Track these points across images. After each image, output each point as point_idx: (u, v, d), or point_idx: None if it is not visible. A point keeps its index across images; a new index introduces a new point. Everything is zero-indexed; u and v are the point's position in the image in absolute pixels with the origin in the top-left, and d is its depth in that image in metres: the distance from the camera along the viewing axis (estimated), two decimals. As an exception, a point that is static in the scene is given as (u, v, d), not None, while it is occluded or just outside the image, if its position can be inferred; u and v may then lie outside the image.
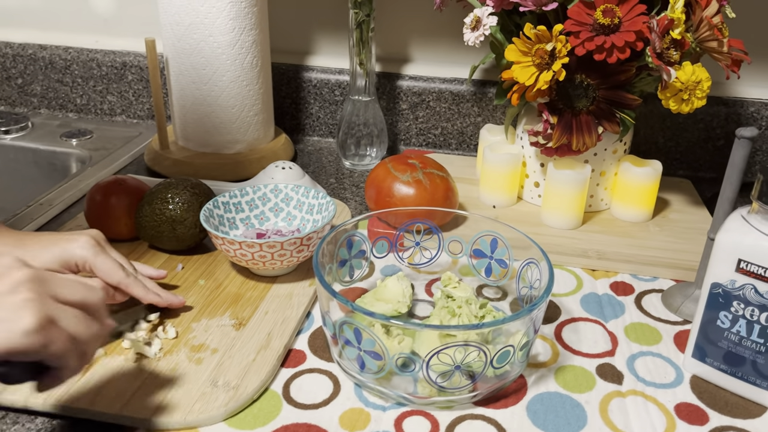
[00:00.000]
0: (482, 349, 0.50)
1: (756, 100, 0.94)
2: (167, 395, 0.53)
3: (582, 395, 0.56)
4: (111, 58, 1.07)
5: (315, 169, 0.96)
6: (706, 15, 0.71)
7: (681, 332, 0.64)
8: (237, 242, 0.63)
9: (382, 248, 0.68)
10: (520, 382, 0.57)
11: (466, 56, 1.00)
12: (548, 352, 0.61)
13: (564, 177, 0.75)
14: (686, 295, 0.66)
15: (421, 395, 0.53)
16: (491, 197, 0.82)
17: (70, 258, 0.57)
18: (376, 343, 0.51)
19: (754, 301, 0.53)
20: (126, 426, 0.51)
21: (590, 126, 0.74)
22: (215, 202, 0.71)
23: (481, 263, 0.67)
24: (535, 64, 0.71)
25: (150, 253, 0.72)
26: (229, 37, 0.85)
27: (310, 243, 0.66)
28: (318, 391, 0.55)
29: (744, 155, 0.60)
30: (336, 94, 1.03)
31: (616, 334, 0.63)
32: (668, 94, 0.71)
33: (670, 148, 0.98)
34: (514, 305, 0.67)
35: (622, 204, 0.80)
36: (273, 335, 0.60)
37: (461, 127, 1.02)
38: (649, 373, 0.58)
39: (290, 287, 0.67)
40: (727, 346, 0.55)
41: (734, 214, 0.55)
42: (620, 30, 0.68)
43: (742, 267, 0.53)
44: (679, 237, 0.76)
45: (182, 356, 0.57)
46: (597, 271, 0.73)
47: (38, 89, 1.12)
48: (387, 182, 0.75)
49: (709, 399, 0.56)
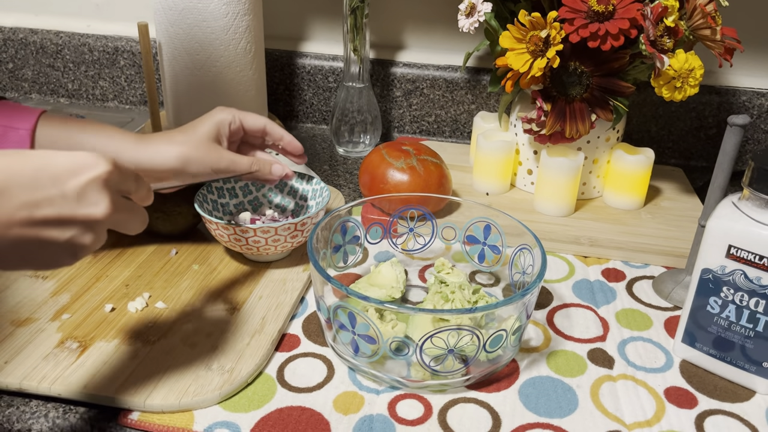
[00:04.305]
0: (475, 334, 0.51)
1: (748, 89, 0.95)
2: (162, 378, 0.53)
3: (573, 379, 0.56)
4: (103, 42, 1.06)
5: (309, 155, 0.96)
6: (699, 3, 0.72)
7: (671, 318, 0.64)
8: (231, 227, 0.63)
9: (376, 234, 0.68)
10: (513, 367, 0.57)
11: (461, 43, 1.00)
12: (540, 337, 0.61)
13: (557, 164, 0.75)
14: (677, 282, 0.67)
15: (414, 379, 0.54)
16: (485, 184, 0.83)
17: (222, 121, 0.64)
18: (370, 327, 0.51)
19: (743, 286, 0.53)
20: (121, 408, 0.51)
21: (584, 113, 0.74)
22: (209, 188, 0.70)
23: (474, 249, 0.68)
24: (530, 51, 0.71)
25: (144, 238, 0.72)
26: (223, 22, 0.85)
27: (304, 228, 0.66)
28: (312, 374, 0.56)
29: (735, 143, 0.60)
30: (330, 80, 1.03)
31: (607, 319, 0.64)
32: (661, 82, 0.71)
33: (662, 137, 0.99)
34: (507, 291, 0.68)
35: (615, 192, 0.80)
36: (267, 320, 0.60)
37: (455, 114, 1.02)
38: (640, 357, 0.59)
39: (284, 272, 0.67)
40: (717, 331, 0.56)
41: (725, 201, 0.56)
42: (614, 17, 0.68)
43: (733, 253, 0.53)
44: (671, 224, 0.77)
45: (177, 340, 0.58)
46: (589, 258, 0.74)
47: (29, 74, 1.11)
48: (381, 168, 0.75)
49: (698, 383, 0.56)
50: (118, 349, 0.56)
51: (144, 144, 0.61)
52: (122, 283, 0.65)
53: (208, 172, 0.62)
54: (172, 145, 0.61)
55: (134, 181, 0.44)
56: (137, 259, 0.69)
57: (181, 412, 0.51)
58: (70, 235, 0.40)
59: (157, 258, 0.69)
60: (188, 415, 0.51)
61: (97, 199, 0.40)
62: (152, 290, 0.64)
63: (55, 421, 0.51)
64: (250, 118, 0.66)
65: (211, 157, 0.62)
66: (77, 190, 0.39)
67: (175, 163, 0.60)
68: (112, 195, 0.41)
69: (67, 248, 0.40)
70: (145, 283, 0.65)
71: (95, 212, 0.40)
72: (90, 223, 0.40)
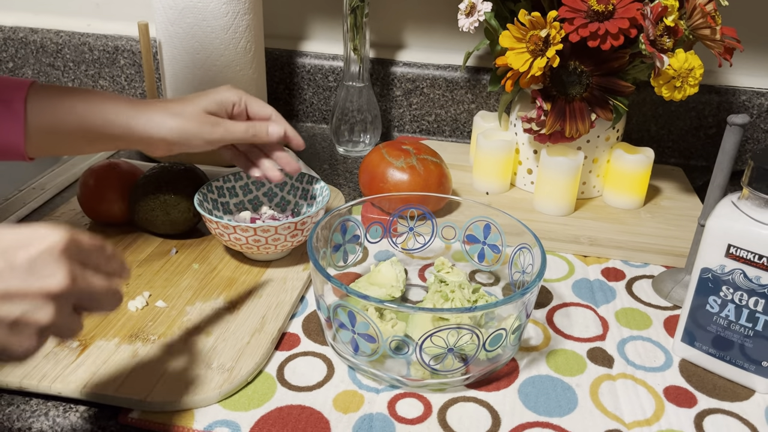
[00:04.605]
0: (475, 333, 0.51)
1: (747, 89, 0.95)
2: (162, 377, 0.53)
3: (573, 378, 0.56)
4: (103, 42, 1.07)
5: (308, 155, 0.96)
6: (699, 2, 0.72)
7: (671, 317, 0.64)
8: (231, 226, 0.63)
9: (376, 233, 0.68)
10: (512, 366, 0.57)
11: (461, 43, 1.00)
12: (540, 336, 0.61)
13: (557, 164, 0.76)
14: (676, 281, 0.67)
15: (414, 378, 0.54)
16: (484, 183, 0.83)
17: (226, 100, 0.63)
18: (370, 326, 0.51)
19: (743, 285, 0.53)
20: (121, 408, 0.51)
21: (583, 113, 0.74)
22: (209, 187, 0.71)
23: (474, 248, 0.68)
24: (529, 50, 0.71)
25: (144, 237, 0.72)
26: (223, 21, 0.85)
27: (304, 228, 0.66)
28: (312, 373, 0.56)
29: (735, 142, 0.60)
30: (330, 80, 1.03)
31: (606, 318, 0.64)
32: (661, 82, 0.71)
33: (662, 136, 0.99)
34: (507, 290, 0.68)
35: (614, 191, 0.80)
36: (267, 319, 0.60)
37: (455, 113, 1.02)
38: (639, 357, 0.59)
39: (284, 272, 0.68)
40: (716, 330, 0.56)
41: (725, 200, 0.56)
42: (614, 17, 0.68)
43: (732, 252, 0.53)
44: (670, 224, 0.77)
45: (177, 339, 0.58)
46: (589, 257, 0.74)
47: (29, 73, 1.11)
48: (381, 168, 0.75)
49: (697, 382, 0.57)
50: (118, 348, 0.56)
51: (138, 110, 0.60)
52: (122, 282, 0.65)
53: (201, 144, 0.62)
54: (167, 116, 0.60)
55: (100, 252, 0.40)
56: (137, 257, 0.69)
57: (181, 411, 0.51)
58: (21, 312, 0.36)
59: (157, 257, 0.69)
60: (188, 414, 0.51)
61: (52, 271, 0.36)
62: (152, 289, 0.64)
63: (55, 420, 0.51)
64: (257, 105, 0.66)
65: (204, 130, 0.61)
66: (27, 261, 0.36)
67: (168, 134, 0.60)
68: (71, 266, 0.37)
69: (22, 328, 0.36)
70: (145, 281, 0.65)
71: (50, 284, 0.36)
72: (45, 297, 0.36)
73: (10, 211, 0.77)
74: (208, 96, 0.63)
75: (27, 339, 0.37)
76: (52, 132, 0.59)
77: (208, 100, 0.63)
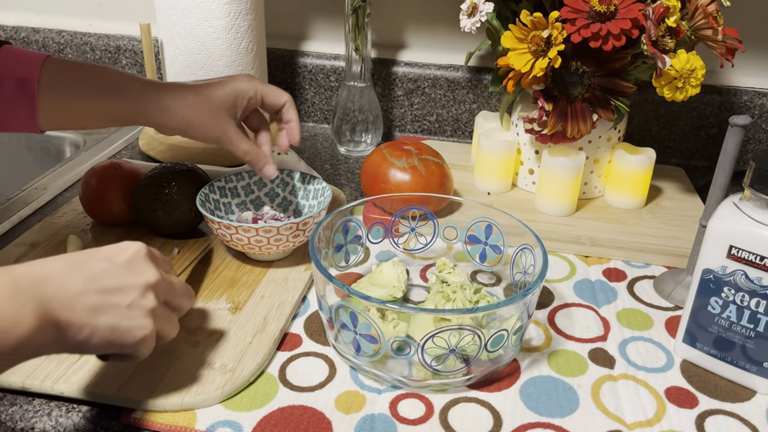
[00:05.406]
0: (476, 333, 0.51)
1: (749, 89, 0.95)
2: (164, 377, 0.53)
3: (574, 379, 0.56)
4: (105, 41, 1.07)
5: (310, 155, 0.96)
6: (701, 3, 0.72)
7: (672, 318, 0.64)
8: (233, 227, 0.63)
9: (378, 234, 0.69)
10: (514, 366, 0.57)
11: (462, 43, 1.00)
12: (541, 336, 0.61)
13: (558, 164, 0.76)
14: (678, 281, 0.67)
15: (415, 378, 0.54)
16: (486, 184, 0.83)
17: (242, 93, 0.63)
18: (372, 326, 0.52)
19: (744, 286, 0.53)
20: (123, 408, 0.52)
21: (585, 113, 0.74)
22: (211, 187, 0.71)
23: (475, 249, 0.68)
24: (531, 51, 0.71)
25: (146, 237, 0.72)
26: (225, 21, 0.85)
27: (306, 228, 0.66)
28: (314, 374, 0.56)
29: (737, 143, 0.60)
30: (331, 79, 1.03)
31: (608, 319, 0.64)
32: (663, 82, 0.71)
33: (663, 137, 0.99)
34: (508, 291, 0.68)
35: (616, 191, 0.80)
36: (269, 319, 0.61)
37: (456, 113, 1.02)
38: (641, 357, 0.59)
39: (286, 272, 0.68)
40: (717, 331, 0.56)
41: (726, 201, 0.56)
42: (616, 17, 0.68)
43: (734, 253, 0.53)
44: (672, 224, 0.77)
45: (179, 339, 0.58)
46: (590, 258, 0.74)
47: (31, 73, 1.11)
48: (383, 168, 0.76)
49: (698, 383, 0.57)
50: (120, 348, 0.56)
51: (151, 94, 0.61)
52: (124, 282, 0.65)
53: (207, 139, 0.63)
54: (181, 105, 0.61)
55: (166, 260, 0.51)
56: (139, 258, 0.69)
57: (184, 411, 0.51)
58: (131, 299, 0.45)
59: (159, 257, 0.69)
60: (190, 414, 0.51)
61: (145, 268, 0.46)
62: (154, 289, 0.64)
63: (58, 420, 0.51)
64: (273, 95, 0.66)
65: (215, 129, 0.62)
66: (126, 262, 0.46)
67: (179, 123, 0.61)
68: (156, 266, 0.48)
69: (135, 311, 0.45)
70: (147, 282, 0.65)
71: (147, 278, 0.46)
72: (145, 287, 0.46)
73: (12, 211, 0.77)
74: (224, 87, 0.63)
75: (142, 320, 0.45)
76: (64, 107, 0.60)
77: (224, 93, 0.63)
